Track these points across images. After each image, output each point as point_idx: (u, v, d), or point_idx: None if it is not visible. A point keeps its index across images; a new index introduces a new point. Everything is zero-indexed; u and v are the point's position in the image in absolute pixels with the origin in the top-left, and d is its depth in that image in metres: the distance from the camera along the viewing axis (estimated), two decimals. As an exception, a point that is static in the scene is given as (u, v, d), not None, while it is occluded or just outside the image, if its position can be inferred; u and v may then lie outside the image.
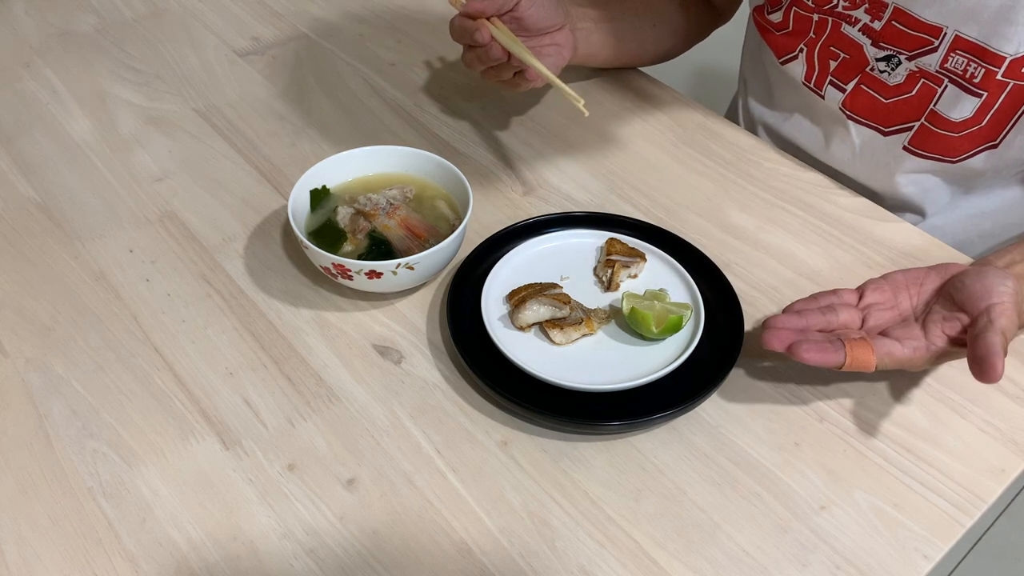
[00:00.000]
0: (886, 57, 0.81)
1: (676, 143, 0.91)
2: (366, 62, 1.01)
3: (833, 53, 0.85)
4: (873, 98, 0.84)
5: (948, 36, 0.76)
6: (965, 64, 0.76)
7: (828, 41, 0.85)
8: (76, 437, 0.63)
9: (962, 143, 0.81)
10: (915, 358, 0.61)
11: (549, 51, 0.85)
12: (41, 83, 0.96)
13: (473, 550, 0.58)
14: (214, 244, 0.78)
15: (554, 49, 0.85)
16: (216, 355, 0.69)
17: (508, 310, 0.70)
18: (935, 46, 0.77)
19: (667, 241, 0.76)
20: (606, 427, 0.64)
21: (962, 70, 0.77)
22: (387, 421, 0.65)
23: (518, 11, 0.81)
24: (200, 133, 0.90)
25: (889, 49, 0.80)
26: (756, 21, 0.93)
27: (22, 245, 0.77)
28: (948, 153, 0.82)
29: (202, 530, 0.58)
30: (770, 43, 0.91)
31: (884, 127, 0.85)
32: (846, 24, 0.83)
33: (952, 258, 0.78)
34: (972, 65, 0.76)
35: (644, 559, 0.57)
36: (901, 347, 0.61)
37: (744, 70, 1.03)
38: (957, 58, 0.77)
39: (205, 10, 1.09)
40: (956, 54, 0.77)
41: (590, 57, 0.94)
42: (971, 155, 0.82)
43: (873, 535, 0.59)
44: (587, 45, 0.91)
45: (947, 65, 0.78)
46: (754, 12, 0.94)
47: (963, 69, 0.77)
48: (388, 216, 0.75)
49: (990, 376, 0.57)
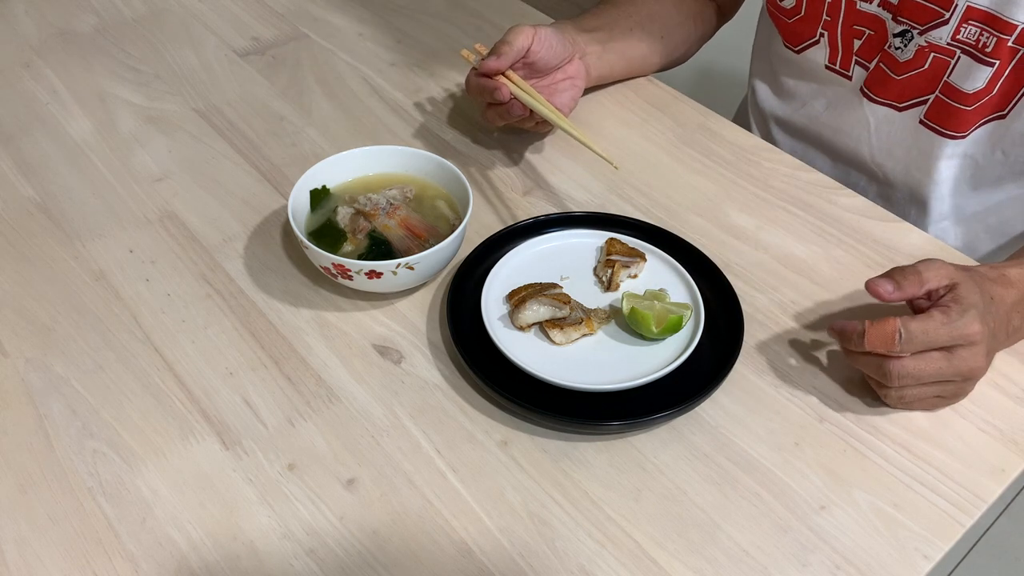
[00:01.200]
0: (901, 32, 0.81)
1: (676, 143, 0.91)
2: (366, 62, 1.01)
3: (857, 31, 0.86)
4: (886, 75, 0.85)
5: (960, 6, 0.77)
6: (978, 34, 0.77)
7: (848, 20, 0.85)
8: (76, 437, 0.63)
9: (973, 116, 0.81)
10: None
11: (564, 86, 0.86)
12: (41, 83, 0.96)
13: (473, 550, 0.58)
14: (214, 244, 0.78)
15: (568, 83, 0.86)
16: (216, 355, 0.69)
17: (508, 310, 0.70)
18: (946, 18, 0.78)
19: (667, 241, 0.76)
20: (606, 427, 0.64)
21: (974, 40, 0.77)
22: (387, 421, 0.65)
23: (529, 57, 0.82)
24: (200, 133, 0.90)
25: (905, 23, 0.81)
26: (770, 11, 0.94)
27: (22, 245, 0.77)
28: (960, 128, 0.83)
29: (202, 530, 0.58)
30: (784, 32, 0.92)
31: (898, 103, 0.86)
32: (861, 1, 0.83)
33: (951, 257, 0.78)
34: (984, 35, 0.76)
35: (644, 559, 0.57)
36: None
37: (754, 68, 1.03)
38: (969, 28, 0.77)
39: (205, 10, 1.09)
40: (968, 24, 0.77)
41: (603, 78, 0.94)
42: (978, 126, 0.82)
43: (873, 535, 0.59)
44: (599, 68, 0.92)
45: (959, 36, 0.78)
46: (767, 2, 0.94)
47: (975, 39, 0.77)
48: (388, 216, 0.75)
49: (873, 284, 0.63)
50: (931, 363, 0.61)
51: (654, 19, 0.96)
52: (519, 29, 0.82)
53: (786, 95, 0.97)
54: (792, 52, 0.92)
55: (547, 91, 0.85)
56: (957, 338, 0.60)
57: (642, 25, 0.95)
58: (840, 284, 0.76)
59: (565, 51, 0.85)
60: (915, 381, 0.62)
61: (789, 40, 0.92)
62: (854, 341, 0.62)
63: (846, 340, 0.64)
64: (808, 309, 0.74)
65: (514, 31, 0.82)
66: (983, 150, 0.84)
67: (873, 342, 0.61)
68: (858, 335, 0.62)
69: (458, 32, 1.06)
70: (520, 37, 0.81)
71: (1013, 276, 0.67)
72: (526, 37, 0.81)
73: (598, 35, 0.91)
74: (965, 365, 0.61)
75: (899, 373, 0.61)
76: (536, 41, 0.82)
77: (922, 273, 0.63)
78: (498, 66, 0.80)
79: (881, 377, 0.62)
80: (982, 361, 0.62)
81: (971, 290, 0.62)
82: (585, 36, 0.90)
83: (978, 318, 0.61)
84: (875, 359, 0.62)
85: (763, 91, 1.00)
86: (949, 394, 0.64)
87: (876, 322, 0.61)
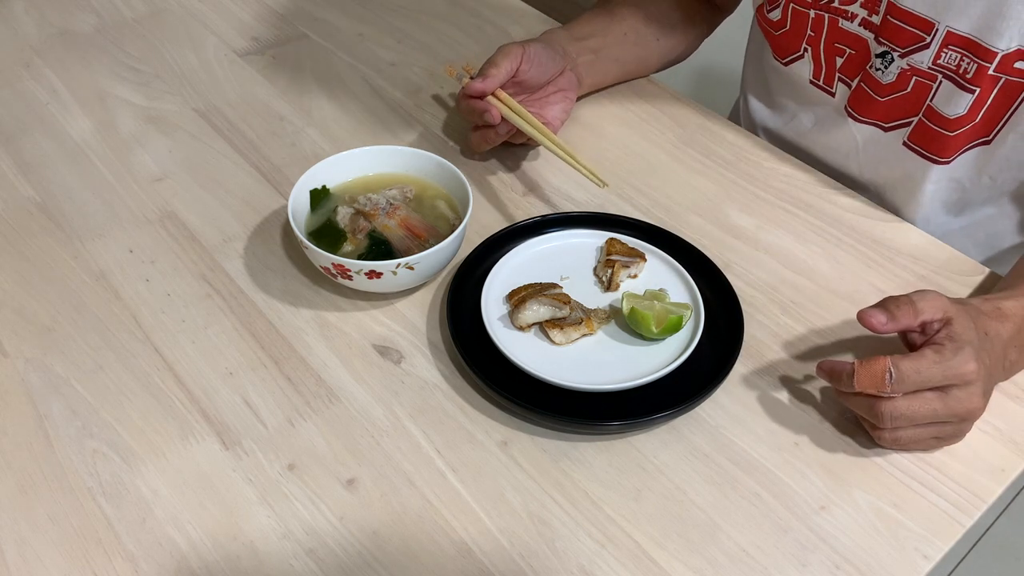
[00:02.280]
0: (882, 54, 0.81)
1: (676, 143, 0.91)
2: (366, 62, 1.01)
3: (839, 50, 0.85)
4: (870, 96, 0.84)
5: (940, 31, 0.76)
6: (958, 59, 0.76)
7: (831, 38, 0.85)
8: (76, 437, 0.63)
9: (957, 142, 0.81)
10: None
11: (555, 99, 0.85)
12: (41, 83, 0.96)
13: (473, 550, 0.58)
14: (214, 244, 0.78)
15: (560, 96, 0.85)
16: (216, 355, 0.69)
17: (508, 310, 0.70)
18: (927, 42, 0.77)
19: (667, 241, 0.76)
20: (606, 427, 0.64)
21: (955, 65, 0.77)
22: (387, 421, 0.65)
23: (518, 76, 0.82)
24: (200, 133, 0.90)
25: (886, 45, 0.80)
26: (759, 22, 0.93)
27: (22, 245, 0.77)
28: (944, 153, 0.82)
29: (202, 530, 0.58)
30: (772, 43, 0.91)
31: (884, 123, 0.85)
32: (843, 20, 0.83)
33: (951, 258, 0.79)
34: (965, 60, 0.76)
35: (644, 559, 0.57)
36: None
37: (746, 73, 1.03)
38: (950, 54, 0.76)
39: (205, 10, 1.09)
40: (949, 50, 0.76)
41: (597, 84, 0.94)
42: (963, 151, 0.81)
43: (873, 535, 0.59)
44: (592, 75, 0.91)
45: (940, 61, 0.77)
46: (757, 12, 0.94)
47: (956, 64, 0.77)
48: (388, 216, 0.75)
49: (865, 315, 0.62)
50: (925, 404, 0.59)
51: (650, 22, 0.95)
52: (507, 50, 0.81)
53: (776, 107, 0.97)
54: (780, 64, 0.91)
55: (537, 104, 0.85)
56: (951, 377, 0.58)
57: (636, 29, 0.94)
58: (840, 284, 0.76)
59: (555, 66, 0.85)
60: (909, 423, 0.59)
61: (777, 52, 0.91)
62: (844, 381, 0.60)
63: (835, 380, 0.62)
64: (808, 309, 0.74)
65: (502, 52, 0.81)
66: (969, 175, 0.83)
67: (863, 382, 0.59)
68: (848, 375, 0.60)
69: (458, 32, 1.06)
70: (508, 60, 0.80)
71: (1008, 309, 0.65)
72: (514, 59, 0.80)
73: (590, 43, 0.91)
74: (961, 406, 0.59)
75: (891, 415, 0.59)
76: (524, 60, 0.81)
77: (916, 304, 0.61)
78: (483, 88, 0.79)
79: (873, 419, 0.60)
80: (978, 401, 0.59)
81: (966, 326, 0.60)
82: (577, 45, 0.89)
83: (973, 356, 0.58)
84: (866, 400, 0.60)
85: (754, 102, 1.00)
86: (946, 435, 0.61)
87: (865, 361, 0.59)
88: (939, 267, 0.78)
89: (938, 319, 0.61)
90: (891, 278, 0.77)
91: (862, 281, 0.76)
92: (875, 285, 0.76)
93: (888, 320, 0.61)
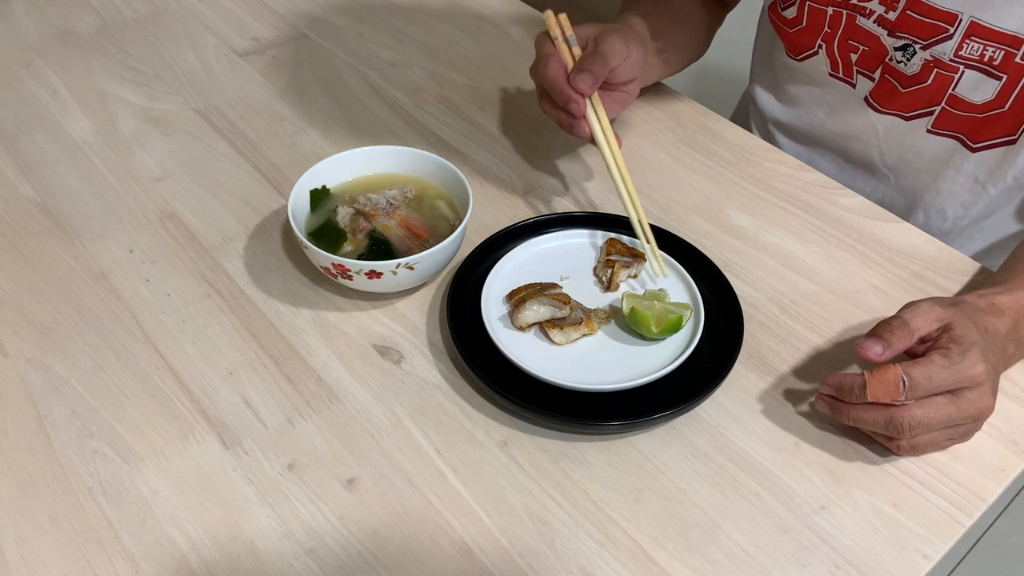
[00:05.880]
0: (903, 46, 0.81)
1: (676, 143, 0.91)
2: (366, 62, 1.01)
3: (852, 46, 0.85)
4: (894, 88, 0.84)
5: (964, 22, 0.76)
6: (981, 50, 0.76)
7: (845, 35, 0.85)
8: (76, 437, 0.63)
9: (985, 125, 0.81)
10: None
11: (619, 97, 0.79)
12: (41, 83, 0.96)
13: (473, 550, 0.58)
14: (214, 244, 0.78)
15: (623, 95, 0.80)
16: (216, 355, 0.69)
17: (508, 310, 0.70)
18: (950, 33, 0.77)
19: (667, 241, 0.76)
20: (606, 427, 0.64)
21: (979, 55, 0.77)
22: (387, 421, 0.65)
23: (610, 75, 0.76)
24: (200, 133, 0.90)
25: (905, 38, 0.81)
26: (771, 19, 0.93)
27: (22, 245, 0.77)
28: (971, 135, 0.82)
29: (202, 530, 0.58)
30: (785, 40, 0.91)
31: (905, 113, 0.85)
32: (861, 16, 0.83)
33: (950, 257, 0.79)
34: (990, 49, 0.76)
35: (644, 559, 0.57)
36: None
37: (755, 70, 1.02)
38: (972, 44, 0.77)
39: (205, 10, 1.09)
40: (971, 40, 0.77)
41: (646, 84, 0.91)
42: (991, 145, 0.82)
43: (873, 535, 0.59)
44: (645, 79, 0.89)
45: (961, 53, 0.78)
46: (769, 9, 0.94)
47: (980, 54, 0.77)
48: (388, 216, 0.75)
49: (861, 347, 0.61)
50: (939, 409, 0.59)
51: (688, 20, 0.93)
52: (613, 43, 0.74)
53: (788, 101, 0.97)
54: (794, 60, 0.91)
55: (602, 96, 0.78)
56: (961, 381, 0.58)
57: (682, 31, 0.92)
58: (840, 284, 0.76)
59: (639, 70, 0.79)
60: (925, 430, 0.59)
61: (791, 49, 0.91)
62: (855, 394, 0.60)
63: (846, 394, 0.61)
64: (808, 309, 0.74)
65: (608, 44, 0.74)
66: (992, 174, 0.84)
67: (876, 392, 0.59)
68: (859, 388, 0.60)
69: (458, 32, 1.06)
70: (616, 56, 0.74)
71: (1003, 304, 0.65)
72: (620, 56, 0.74)
73: (658, 44, 0.87)
74: (973, 408, 0.59)
75: (910, 424, 0.59)
76: (624, 62, 0.75)
77: (909, 323, 0.61)
78: (589, 90, 0.73)
79: (891, 431, 0.60)
80: (989, 400, 0.60)
81: (967, 327, 0.60)
82: (650, 46, 0.84)
83: (981, 357, 0.59)
84: (880, 413, 0.60)
85: (764, 97, 1.00)
86: (960, 435, 0.61)
87: (876, 371, 0.59)
88: (939, 267, 0.78)
89: (936, 329, 0.61)
90: (891, 278, 0.77)
91: (862, 281, 0.76)
92: (875, 285, 0.76)
93: (884, 349, 0.61)
